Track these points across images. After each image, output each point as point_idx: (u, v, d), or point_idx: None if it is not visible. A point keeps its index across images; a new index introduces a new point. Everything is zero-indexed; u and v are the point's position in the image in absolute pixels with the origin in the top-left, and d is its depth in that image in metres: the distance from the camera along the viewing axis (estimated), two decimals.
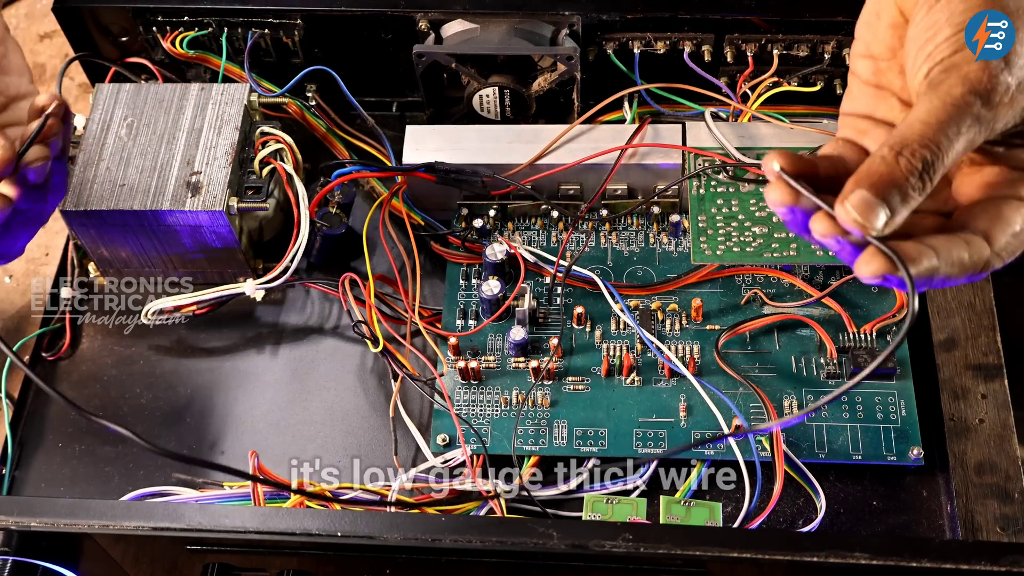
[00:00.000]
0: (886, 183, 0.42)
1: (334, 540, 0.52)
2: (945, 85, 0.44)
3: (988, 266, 0.45)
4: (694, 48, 0.73)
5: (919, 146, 0.43)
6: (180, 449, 0.67)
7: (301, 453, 0.67)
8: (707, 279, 0.69)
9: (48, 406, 0.70)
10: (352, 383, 0.69)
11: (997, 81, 0.43)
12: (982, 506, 0.63)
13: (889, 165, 0.43)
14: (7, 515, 0.53)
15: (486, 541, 0.51)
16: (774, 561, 0.50)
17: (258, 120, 0.73)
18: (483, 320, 0.68)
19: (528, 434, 0.64)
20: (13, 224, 0.57)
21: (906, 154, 0.43)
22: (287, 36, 0.74)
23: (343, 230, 0.72)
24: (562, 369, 0.66)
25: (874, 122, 0.49)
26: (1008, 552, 0.50)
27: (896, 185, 0.43)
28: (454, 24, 0.72)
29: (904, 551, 0.50)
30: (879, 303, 0.67)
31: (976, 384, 0.67)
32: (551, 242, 0.72)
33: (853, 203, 0.42)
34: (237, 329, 0.72)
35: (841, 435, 0.63)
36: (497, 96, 0.73)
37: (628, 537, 0.51)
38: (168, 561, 0.61)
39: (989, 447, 0.65)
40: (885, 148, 0.43)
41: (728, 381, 0.65)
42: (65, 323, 0.72)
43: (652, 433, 0.64)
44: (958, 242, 0.44)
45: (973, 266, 0.44)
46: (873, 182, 0.42)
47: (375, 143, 0.76)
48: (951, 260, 0.44)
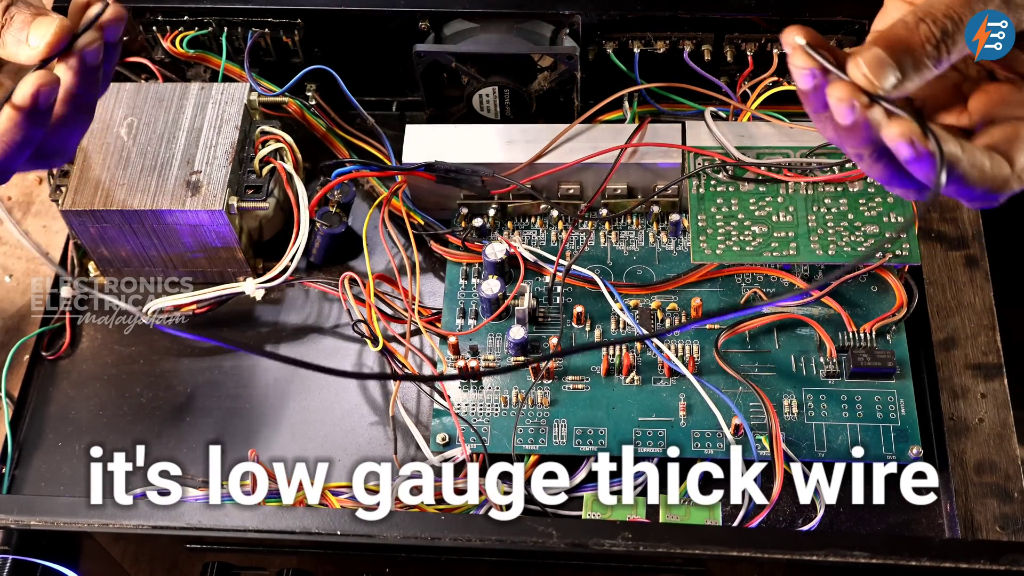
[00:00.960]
0: (902, 45, 0.42)
1: (334, 539, 0.52)
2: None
3: (1007, 186, 0.44)
4: (694, 47, 0.73)
5: (942, 15, 0.42)
6: (180, 448, 0.67)
7: (301, 452, 0.67)
8: (707, 278, 0.69)
9: (48, 405, 0.70)
10: (352, 382, 0.69)
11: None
12: (981, 505, 0.63)
13: (909, 29, 0.42)
14: (7, 514, 0.53)
15: (486, 540, 0.51)
16: (774, 560, 0.51)
17: (258, 119, 0.73)
18: (483, 319, 0.68)
19: (528, 433, 0.64)
20: (69, 114, 0.52)
21: (927, 20, 0.42)
22: (287, 35, 0.74)
23: (343, 229, 0.72)
24: (562, 368, 0.66)
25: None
26: (1008, 551, 0.50)
27: (911, 49, 0.42)
28: (454, 23, 0.72)
29: (903, 550, 0.50)
30: (878, 302, 0.67)
31: (976, 383, 0.67)
32: (551, 241, 0.72)
33: (865, 59, 0.42)
34: (237, 328, 0.72)
35: (841, 434, 0.63)
36: (497, 95, 0.73)
37: (628, 536, 0.51)
38: (168, 560, 0.61)
39: (988, 446, 0.65)
40: (909, 14, 0.43)
41: (728, 380, 0.65)
42: (65, 322, 0.72)
43: (652, 432, 0.64)
44: (981, 150, 0.44)
45: (992, 180, 0.44)
46: (890, 43, 0.42)
47: (375, 142, 0.76)
48: (974, 161, 0.43)
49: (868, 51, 0.42)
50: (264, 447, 0.66)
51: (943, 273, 0.72)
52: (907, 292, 0.67)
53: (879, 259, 0.66)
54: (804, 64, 0.44)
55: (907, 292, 0.67)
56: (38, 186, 0.82)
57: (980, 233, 0.74)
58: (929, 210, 0.74)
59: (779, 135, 0.70)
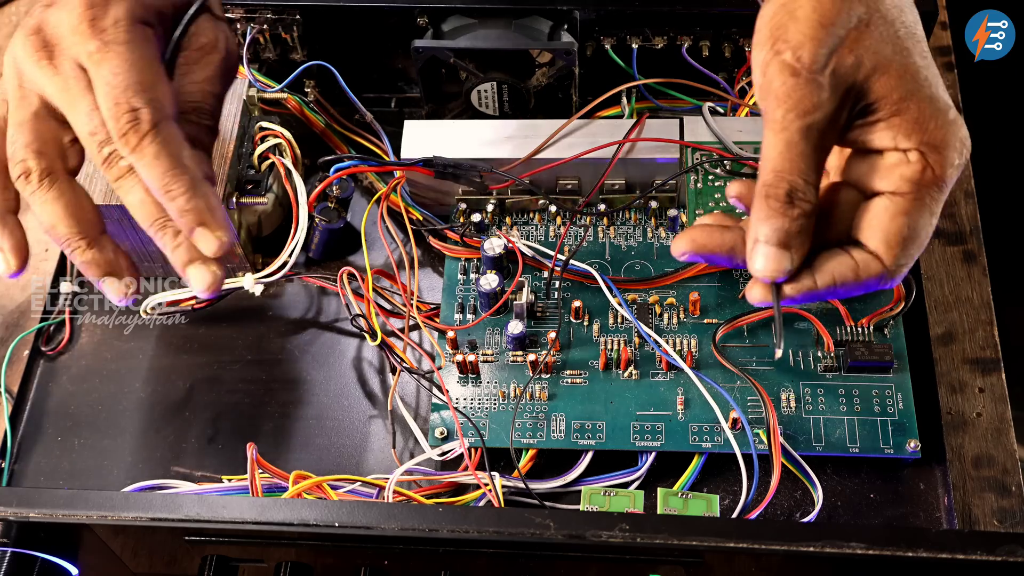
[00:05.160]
0: (785, 235, 0.47)
1: (332, 531, 0.52)
2: (771, 112, 0.46)
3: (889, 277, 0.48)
4: (692, 43, 0.73)
5: (775, 181, 0.46)
6: (179, 444, 0.67)
7: (299, 446, 0.67)
8: (705, 273, 0.69)
9: (47, 400, 0.70)
10: (350, 377, 0.69)
11: (805, 88, 0.45)
12: (979, 499, 0.63)
13: (766, 212, 0.47)
14: (6, 506, 0.53)
15: (483, 532, 0.51)
16: (771, 551, 0.50)
17: (257, 115, 0.73)
18: (481, 314, 0.68)
19: (526, 427, 0.64)
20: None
21: (771, 194, 0.46)
22: (286, 31, 0.75)
23: (342, 225, 0.73)
24: (560, 363, 0.66)
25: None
26: (1004, 541, 0.50)
27: (795, 233, 0.47)
28: (453, 19, 0.72)
29: (900, 541, 0.50)
30: (876, 296, 0.67)
31: (974, 378, 0.68)
32: (549, 236, 0.72)
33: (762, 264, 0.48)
34: (236, 323, 0.72)
35: (838, 428, 0.63)
36: (495, 91, 0.73)
37: (625, 527, 0.51)
38: (167, 553, 0.61)
39: (986, 441, 0.65)
40: (758, 198, 0.47)
41: (726, 374, 0.65)
42: (65, 318, 0.72)
43: (650, 426, 0.64)
44: (843, 259, 0.48)
45: (866, 282, 0.48)
46: (778, 239, 0.47)
47: (374, 138, 0.76)
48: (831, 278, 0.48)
49: (755, 254, 0.48)
50: (263, 441, 0.66)
51: (941, 268, 0.72)
52: (905, 287, 0.67)
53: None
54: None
55: (905, 287, 0.67)
56: None
57: (978, 229, 0.74)
58: None
59: None
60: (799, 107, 0.45)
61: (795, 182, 0.46)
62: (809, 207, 0.46)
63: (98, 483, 0.66)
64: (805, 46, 0.45)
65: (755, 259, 0.48)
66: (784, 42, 0.46)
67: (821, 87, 0.45)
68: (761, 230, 0.47)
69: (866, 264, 0.48)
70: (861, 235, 0.48)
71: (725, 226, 0.51)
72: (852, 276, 0.48)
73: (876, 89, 0.46)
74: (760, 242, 0.47)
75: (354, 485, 0.62)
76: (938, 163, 0.46)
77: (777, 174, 0.46)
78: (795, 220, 0.46)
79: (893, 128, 0.46)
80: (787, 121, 0.45)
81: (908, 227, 0.47)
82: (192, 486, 0.64)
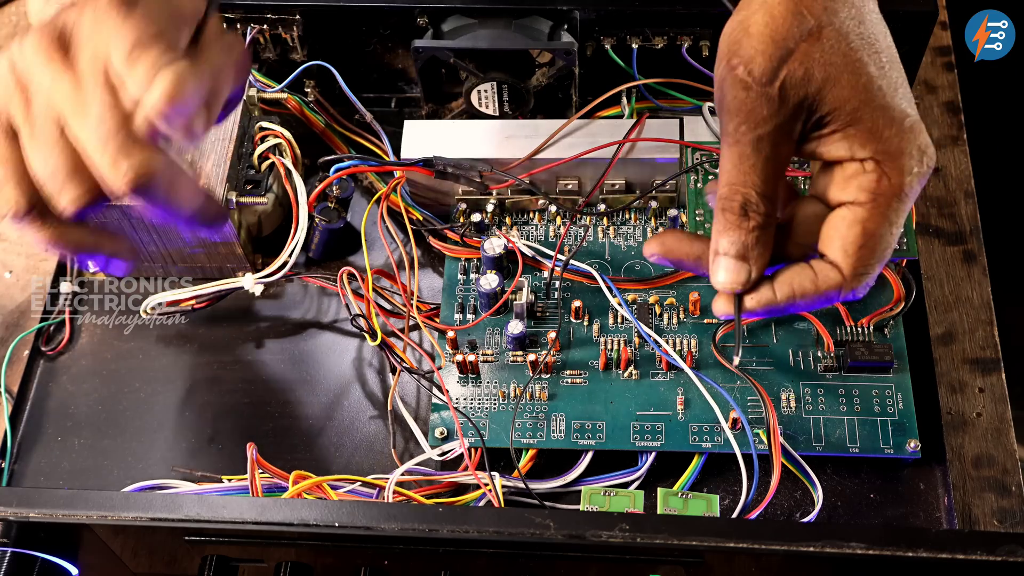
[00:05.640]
0: (743, 246, 0.48)
1: (332, 531, 0.52)
2: (725, 125, 0.47)
3: (848, 287, 0.48)
4: (692, 43, 0.73)
5: (730, 194, 0.47)
6: (179, 444, 0.67)
7: (299, 446, 0.67)
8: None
9: (47, 400, 0.70)
10: (350, 377, 0.69)
11: (755, 101, 0.46)
12: (979, 499, 0.63)
13: (723, 224, 0.48)
14: (6, 506, 0.53)
15: (483, 531, 0.51)
16: (771, 551, 0.50)
17: (257, 115, 0.73)
18: (481, 314, 0.68)
19: (526, 427, 0.64)
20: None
21: (727, 207, 0.47)
22: (286, 31, 0.75)
23: (342, 225, 0.73)
24: (560, 363, 0.66)
25: None
26: (1004, 541, 0.50)
27: (751, 244, 0.48)
28: (452, 19, 0.72)
29: (901, 541, 0.50)
30: (876, 297, 0.67)
31: (974, 378, 0.68)
32: (549, 236, 0.72)
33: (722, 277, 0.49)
34: (236, 324, 0.72)
35: (838, 428, 0.63)
36: (495, 91, 0.73)
37: (625, 527, 0.51)
38: (167, 553, 0.61)
39: (986, 440, 0.65)
40: (716, 210, 0.48)
41: (726, 374, 0.65)
42: (65, 318, 0.72)
43: (650, 426, 0.64)
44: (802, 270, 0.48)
45: (825, 292, 0.48)
46: (724, 248, 0.48)
47: (374, 138, 0.76)
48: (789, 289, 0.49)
49: (720, 267, 0.49)
50: (263, 441, 0.66)
51: (941, 268, 0.72)
52: (905, 286, 0.67)
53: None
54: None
55: (905, 286, 0.67)
56: None
57: (978, 229, 0.74)
58: (927, 205, 0.75)
59: None
60: (749, 120, 0.46)
61: (748, 195, 0.47)
62: (762, 219, 0.47)
63: (98, 483, 0.66)
64: (756, 60, 0.46)
65: (716, 271, 0.49)
66: (738, 57, 0.46)
67: (771, 99, 0.46)
68: (720, 243, 0.48)
69: (824, 274, 0.48)
70: (821, 246, 0.49)
71: (697, 236, 0.52)
72: (811, 287, 0.48)
73: (828, 101, 0.46)
74: (720, 254, 0.48)
75: (354, 485, 0.62)
76: (894, 171, 0.46)
77: (731, 187, 0.47)
78: (750, 232, 0.47)
79: (848, 139, 0.47)
80: (739, 134, 0.46)
81: (864, 235, 0.47)
82: (192, 486, 0.64)
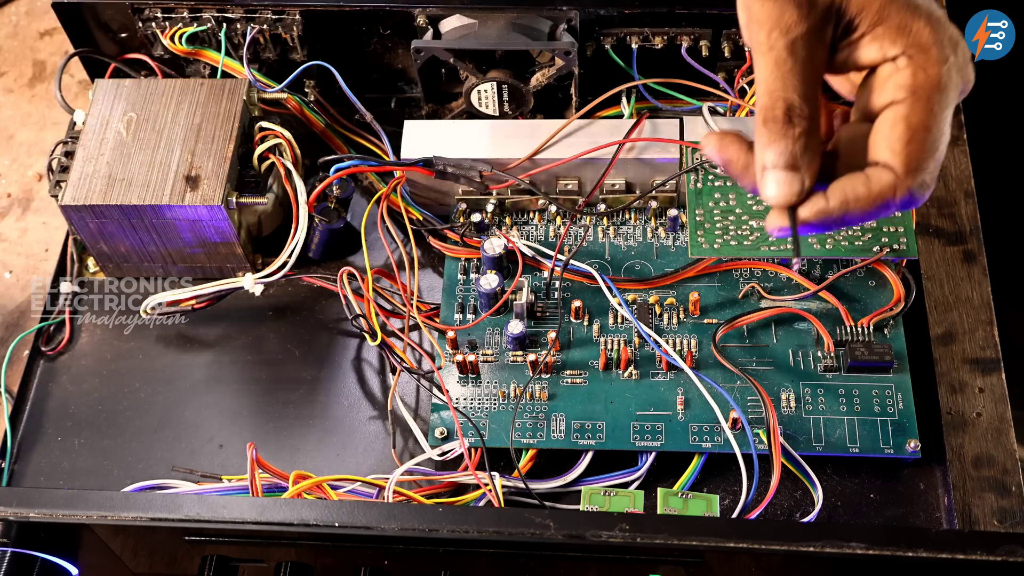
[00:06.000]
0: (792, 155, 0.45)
1: (332, 531, 0.52)
2: (755, 36, 0.46)
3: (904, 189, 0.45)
4: (692, 43, 0.73)
5: (771, 103, 0.45)
6: (179, 444, 0.67)
7: (299, 446, 0.67)
8: (705, 273, 0.69)
9: (47, 400, 0.70)
10: (350, 377, 0.69)
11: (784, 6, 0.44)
12: (979, 499, 0.63)
13: (767, 136, 0.45)
14: (6, 506, 0.53)
15: (483, 532, 0.51)
16: (771, 551, 0.50)
17: (257, 115, 0.73)
18: (481, 314, 0.68)
19: (526, 427, 0.64)
20: None
21: (769, 116, 0.45)
22: (286, 31, 0.75)
23: (342, 225, 0.73)
24: (560, 363, 0.66)
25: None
26: (1004, 541, 0.50)
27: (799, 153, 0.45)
28: (452, 19, 0.72)
29: (901, 541, 0.50)
30: (876, 296, 0.67)
31: (974, 378, 0.68)
32: (549, 236, 0.72)
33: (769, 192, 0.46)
34: (236, 323, 0.72)
35: (838, 428, 0.63)
36: (495, 91, 0.73)
37: (625, 527, 0.51)
38: (167, 553, 0.61)
39: (986, 440, 0.65)
40: (758, 124, 0.46)
41: (726, 374, 0.65)
42: (65, 318, 0.72)
43: (650, 426, 0.64)
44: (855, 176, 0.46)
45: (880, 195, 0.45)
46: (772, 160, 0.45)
47: (374, 138, 0.76)
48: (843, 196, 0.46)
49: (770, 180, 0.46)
50: (263, 441, 0.66)
51: (941, 268, 0.72)
52: (905, 287, 0.67)
53: (876, 253, 0.65)
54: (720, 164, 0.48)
55: (905, 287, 0.67)
56: (37, 183, 0.83)
57: (978, 229, 0.74)
58: (927, 205, 0.75)
59: None
60: (780, 24, 0.45)
61: (790, 99, 0.45)
62: (808, 123, 0.45)
63: (98, 483, 0.66)
64: None
65: (766, 185, 0.46)
66: None
67: (800, 3, 0.45)
68: (767, 156, 0.46)
69: (877, 177, 0.46)
70: (871, 154, 0.46)
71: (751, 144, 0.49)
72: (864, 191, 0.46)
73: (855, 1, 0.45)
74: (768, 168, 0.46)
75: (354, 485, 0.62)
76: (929, 63, 0.45)
77: (772, 95, 0.45)
78: (797, 139, 0.45)
79: (878, 39, 0.46)
80: (772, 40, 0.45)
81: (909, 130, 0.45)
82: (192, 486, 0.64)
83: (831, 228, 0.47)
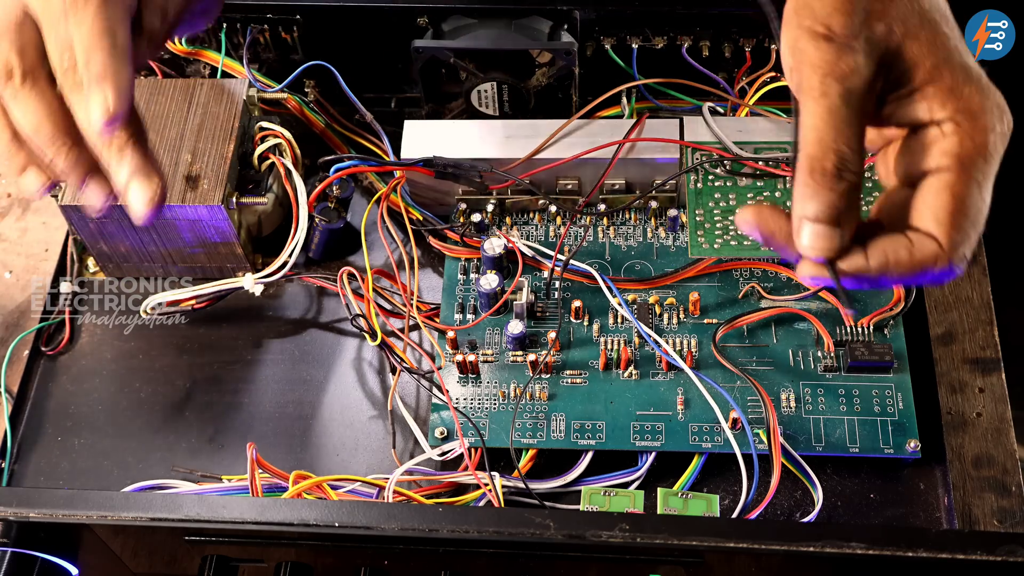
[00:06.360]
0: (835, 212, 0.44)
1: (332, 531, 0.52)
2: (806, 83, 0.44)
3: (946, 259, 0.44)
4: (692, 43, 0.73)
5: (821, 153, 0.44)
6: (179, 444, 0.67)
7: (299, 446, 0.67)
8: (705, 273, 0.69)
9: (47, 400, 0.70)
10: (350, 377, 0.69)
11: (840, 52, 0.44)
12: (979, 499, 0.63)
13: (812, 188, 0.44)
14: (6, 506, 0.53)
15: (483, 531, 0.51)
16: (771, 551, 0.50)
17: (257, 115, 0.73)
18: (481, 314, 0.68)
19: (526, 427, 0.64)
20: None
21: (817, 167, 0.44)
22: (286, 31, 0.75)
23: (342, 225, 0.73)
24: (560, 363, 0.66)
25: None
26: (1004, 541, 0.50)
27: (844, 211, 0.44)
28: (453, 19, 0.72)
29: (901, 541, 0.50)
30: (876, 296, 0.67)
31: (974, 378, 0.67)
32: (549, 236, 0.72)
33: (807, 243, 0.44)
34: (236, 323, 0.72)
35: (838, 428, 0.63)
36: (495, 91, 0.73)
37: (625, 527, 0.51)
38: (167, 553, 0.61)
39: (986, 440, 0.65)
40: (802, 173, 0.44)
41: (726, 374, 0.65)
42: (65, 318, 0.72)
43: (650, 426, 0.64)
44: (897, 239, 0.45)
45: (921, 264, 0.45)
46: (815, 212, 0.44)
47: (374, 138, 0.76)
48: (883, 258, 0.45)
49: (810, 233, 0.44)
50: (263, 442, 0.66)
51: None
52: (905, 286, 0.67)
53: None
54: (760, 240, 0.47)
55: (905, 286, 0.67)
56: None
57: None
58: None
59: (777, 130, 0.70)
60: (836, 71, 0.43)
61: (843, 152, 0.44)
62: (857, 179, 0.44)
63: (98, 483, 0.66)
64: (834, 16, 0.44)
65: (804, 238, 0.45)
66: (811, 17, 0.44)
67: (856, 52, 0.44)
68: (809, 207, 0.44)
69: (921, 243, 0.45)
70: (912, 220, 0.45)
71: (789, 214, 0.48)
72: (906, 256, 0.45)
73: (908, 56, 0.44)
74: (808, 220, 0.44)
75: (354, 485, 0.62)
76: (977, 131, 0.44)
77: (822, 145, 0.44)
78: (844, 195, 0.44)
79: (927, 98, 0.45)
80: (826, 86, 0.44)
81: (955, 200, 0.44)
82: (192, 486, 0.64)
83: (863, 286, 0.46)
